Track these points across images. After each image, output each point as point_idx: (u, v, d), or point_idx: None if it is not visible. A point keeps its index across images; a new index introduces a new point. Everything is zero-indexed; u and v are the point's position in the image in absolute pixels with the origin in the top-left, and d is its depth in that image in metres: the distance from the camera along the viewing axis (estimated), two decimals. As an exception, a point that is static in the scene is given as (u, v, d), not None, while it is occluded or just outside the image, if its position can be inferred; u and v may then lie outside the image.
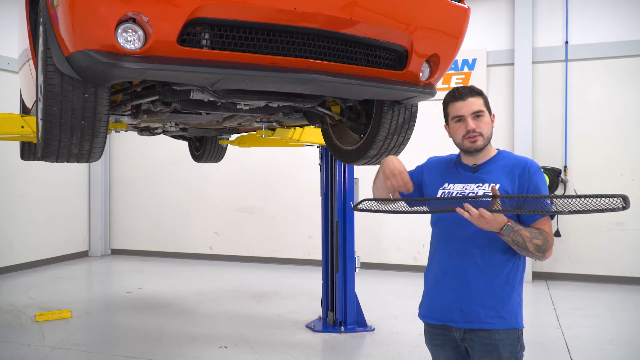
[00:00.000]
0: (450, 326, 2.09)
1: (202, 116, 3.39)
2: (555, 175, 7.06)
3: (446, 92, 2.23)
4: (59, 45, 1.99)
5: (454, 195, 2.10)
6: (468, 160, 2.15)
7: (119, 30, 1.87)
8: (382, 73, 2.47)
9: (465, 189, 2.09)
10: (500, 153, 2.15)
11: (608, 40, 7.02)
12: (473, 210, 1.86)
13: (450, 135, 2.18)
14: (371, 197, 2.24)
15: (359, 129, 3.23)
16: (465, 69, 7.53)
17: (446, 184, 2.16)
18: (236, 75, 2.08)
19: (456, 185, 2.13)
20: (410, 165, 2.28)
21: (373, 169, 4.83)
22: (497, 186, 2.02)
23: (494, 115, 2.15)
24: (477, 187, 2.07)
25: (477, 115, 2.08)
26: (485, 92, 2.20)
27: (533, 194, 2.01)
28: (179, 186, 9.06)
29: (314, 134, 4.37)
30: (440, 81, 4.21)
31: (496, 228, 1.91)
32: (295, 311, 5.62)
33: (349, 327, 4.91)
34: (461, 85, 2.20)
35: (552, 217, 2.06)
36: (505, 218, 1.91)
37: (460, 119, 2.10)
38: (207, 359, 4.26)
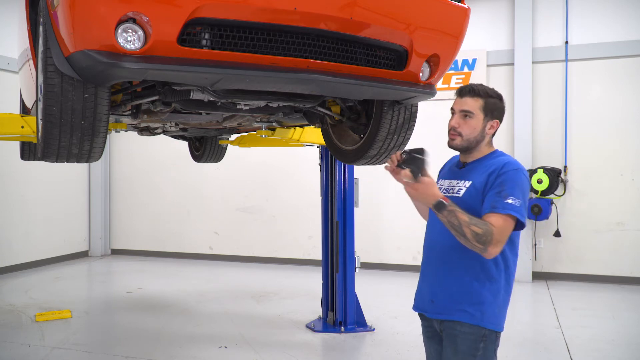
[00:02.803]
0: (429, 318, 2.17)
1: (202, 116, 3.39)
2: (555, 175, 7.05)
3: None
4: (59, 45, 1.99)
5: (441, 190, 2.17)
6: (462, 158, 2.21)
7: (119, 30, 1.87)
8: (382, 73, 2.47)
9: (450, 185, 2.16)
10: (493, 153, 2.16)
11: (608, 40, 7.02)
12: (391, 164, 1.99)
13: None
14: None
15: (359, 129, 3.23)
16: (465, 69, 7.53)
17: (440, 180, 2.25)
18: (236, 75, 2.08)
19: (445, 180, 2.21)
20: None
21: (373, 169, 4.84)
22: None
23: (496, 122, 2.12)
24: (457, 183, 2.14)
25: (465, 115, 2.10)
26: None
27: (494, 190, 1.99)
28: (179, 186, 9.06)
29: (314, 134, 4.36)
30: (440, 81, 4.20)
31: (428, 201, 1.94)
32: (295, 311, 5.62)
33: (349, 327, 4.91)
34: (475, 83, 2.16)
35: (518, 226, 1.98)
36: (440, 194, 1.94)
37: (453, 113, 2.15)
38: (207, 359, 4.26)
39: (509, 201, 1.94)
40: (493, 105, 2.11)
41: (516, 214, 1.93)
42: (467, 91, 2.11)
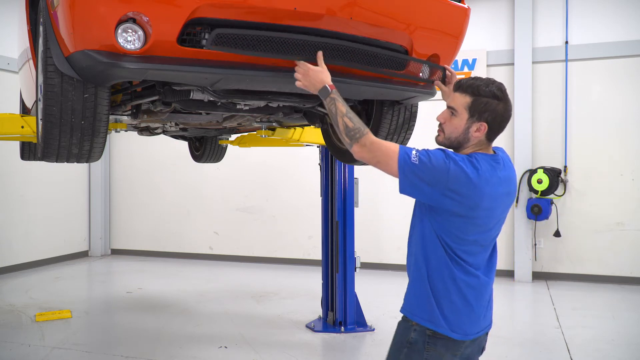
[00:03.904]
0: None
1: (202, 116, 3.39)
2: (555, 175, 7.05)
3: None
4: (59, 45, 1.99)
5: None
6: None
7: (119, 30, 1.87)
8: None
9: None
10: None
11: (608, 40, 7.02)
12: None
13: None
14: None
15: (359, 129, 3.22)
16: (465, 69, 7.53)
17: None
18: (236, 75, 2.08)
19: None
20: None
21: (373, 169, 4.83)
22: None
23: (484, 125, 1.89)
24: None
25: (451, 112, 1.95)
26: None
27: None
28: (179, 186, 9.06)
29: (314, 134, 4.37)
30: (440, 81, 4.18)
31: (316, 87, 1.99)
32: (295, 311, 5.62)
33: (349, 327, 4.91)
34: (476, 77, 2.01)
35: (399, 167, 1.80)
36: (328, 81, 1.98)
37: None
38: (207, 359, 4.26)
39: (411, 147, 1.86)
40: (483, 106, 1.87)
41: (402, 151, 1.81)
42: (457, 86, 1.95)
